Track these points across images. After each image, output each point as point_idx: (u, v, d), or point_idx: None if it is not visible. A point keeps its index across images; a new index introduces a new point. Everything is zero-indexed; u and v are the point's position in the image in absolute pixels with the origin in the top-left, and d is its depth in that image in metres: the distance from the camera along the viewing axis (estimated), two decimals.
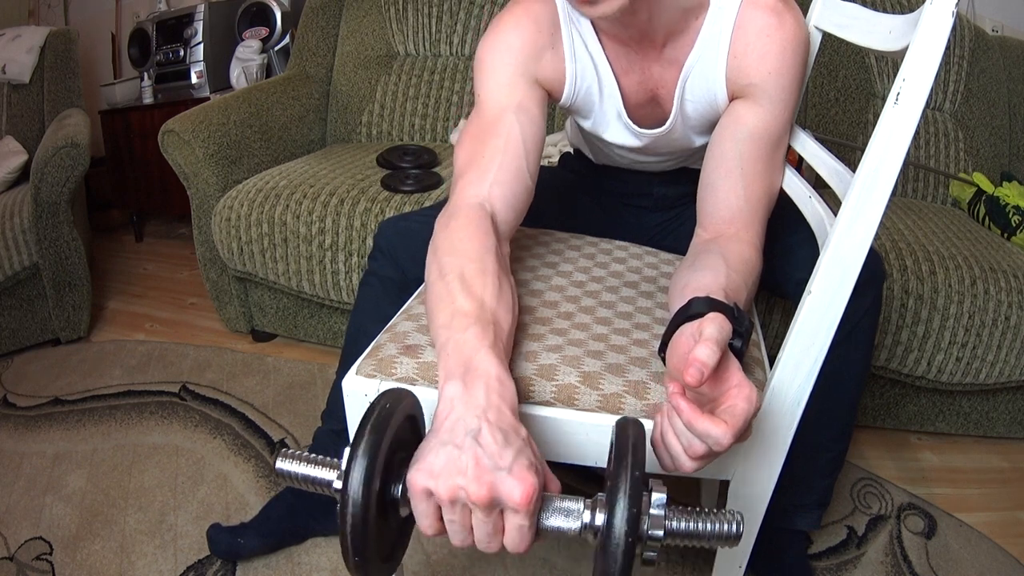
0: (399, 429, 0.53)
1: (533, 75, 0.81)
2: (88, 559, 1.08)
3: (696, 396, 0.58)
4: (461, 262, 0.66)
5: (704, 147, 0.86)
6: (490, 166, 0.76)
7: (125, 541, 1.12)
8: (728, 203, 0.78)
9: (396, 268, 0.95)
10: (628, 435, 0.51)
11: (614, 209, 1.10)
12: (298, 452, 0.56)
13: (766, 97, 0.76)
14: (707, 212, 0.81)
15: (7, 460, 1.32)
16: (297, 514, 1.10)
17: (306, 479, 0.55)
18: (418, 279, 0.89)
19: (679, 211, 1.06)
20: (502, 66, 0.80)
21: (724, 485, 0.70)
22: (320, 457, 0.55)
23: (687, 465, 0.57)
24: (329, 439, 1.08)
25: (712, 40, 0.77)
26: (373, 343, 0.74)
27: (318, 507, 1.11)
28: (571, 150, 1.16)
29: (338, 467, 0.54)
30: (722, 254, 0.72)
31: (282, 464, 0.55)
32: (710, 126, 0.83)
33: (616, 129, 0.89)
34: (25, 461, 1.31)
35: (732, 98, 0.79)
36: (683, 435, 0.56)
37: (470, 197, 0.75)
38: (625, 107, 0.85)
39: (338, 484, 0.52)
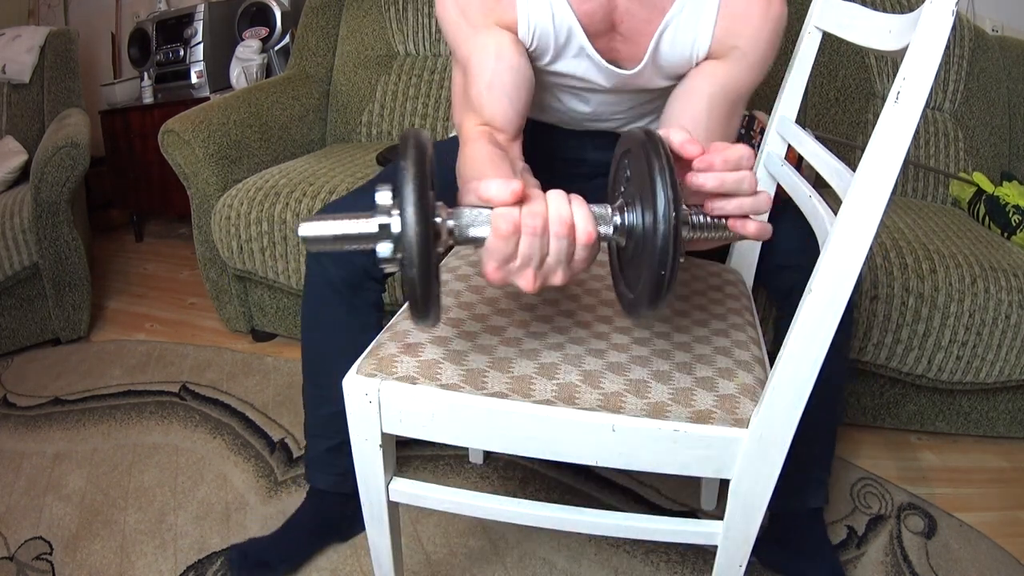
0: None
1: (492, 21, 0.82)
2: (88, 559, 1.08)
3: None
4: (478, 172, 0.73)
5: (663, 90, 0.88)
6: (483, 105, 0.81)
7: (125, 541, 1.12)
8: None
9: (342, 266, 0.91)
10: (649, 131, 0.53)
11: (553, 179, 1.07)
12: (321, 215, 0.53)
13: (745, 60, 0.81)
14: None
15: (7, 460, 1.31)
16: (315, 539, 1.09)
17: (342, 239, 0.52)
18: (368, 270, 0.90)
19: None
20: (457, 19, 0.83)
21: (724, 484, 0.70)
22: (346, 213, 0.52)
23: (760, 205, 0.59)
24: (329, 458, 1.05)
25: None
26: (373, 343, 0.74)
27: (339, 521, 1.10)
28: None
29: (373, 214, 0.51)
30: None
31: (307, 231, 0.52)
32: (677, 74, 0.86)
33: (579, 63, 0.87)
34: (25, 461, 1.31)
35: (712, 56, 0.82)
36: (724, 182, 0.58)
37: (469, 129, 0.82)
38: (590, 41, 0.84)
39: (380, 222, 0.50)
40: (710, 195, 0.59)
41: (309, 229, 0.52)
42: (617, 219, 0.55)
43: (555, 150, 1.06)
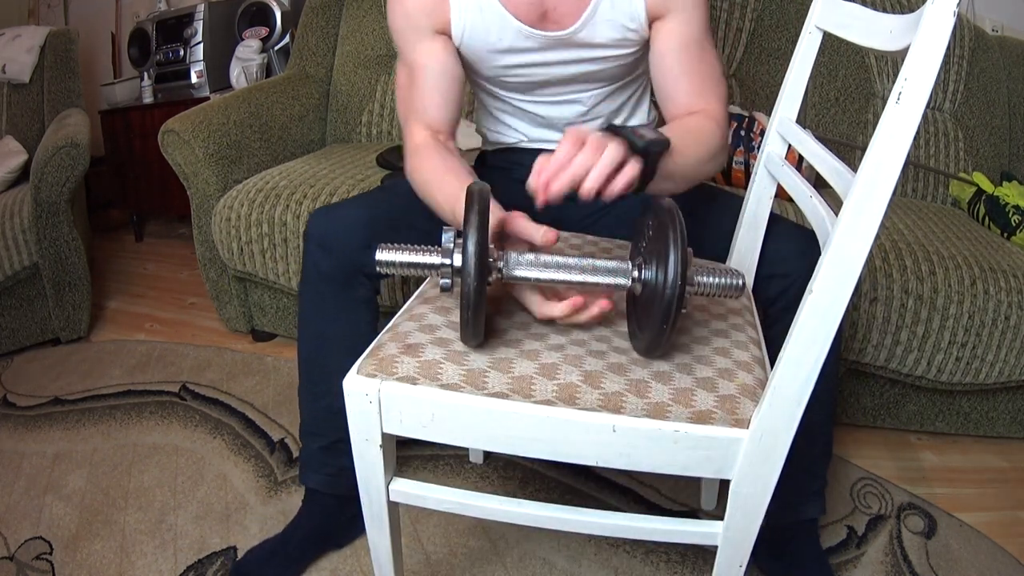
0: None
1: (430, 28, 0.93)
2: (88, 559, 1.08)
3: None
4: (437, 178, 0.87)
5: (608, 44, 0.94)
6: (425, 109, 0.94)
7: (125, 541, 1.12)
8: (687, 100, 0.93)
9: (335, 260, 0.93)
10: (670, 204, 0.65)
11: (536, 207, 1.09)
12: (395, 245, 0.67)
13: (684, 8, 0.90)
14: (670, 112, 0.95)
15: (7, 460, 1.32)
16: (312, 547, 1.08)
17: (410, 265, 0.67)
18: (361, 266, 0.94)
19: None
20: (404, 29, 0.94)
21: (724, 484, 0.70)
22: (416, 247, 0.68)
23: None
24: (322, 457, 1.05)
25: None
26: (374, 343, 0.74)
27: (336, 528, 1.10)
28: (486, 149, 1.19)
29: (438, 252, 0.67)
30: (669, 126, 0.88)
31: (382, 255, 0.67)
32: (620, 30, 0.93)
33: (519, 46, 0.94)
34: (25, 461, 1.31)
35: (652, 16, 0.91)
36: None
37: (421, 137, 0.93)
38: (521, 23, 0.92)
39: (443, 260, 0.66)
40: (589, 190, 0.68)
41: (384, 254, 0.67)
42: (636, 273, 0.67)
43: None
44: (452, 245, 0.66)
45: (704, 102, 0.93)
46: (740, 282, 0.69)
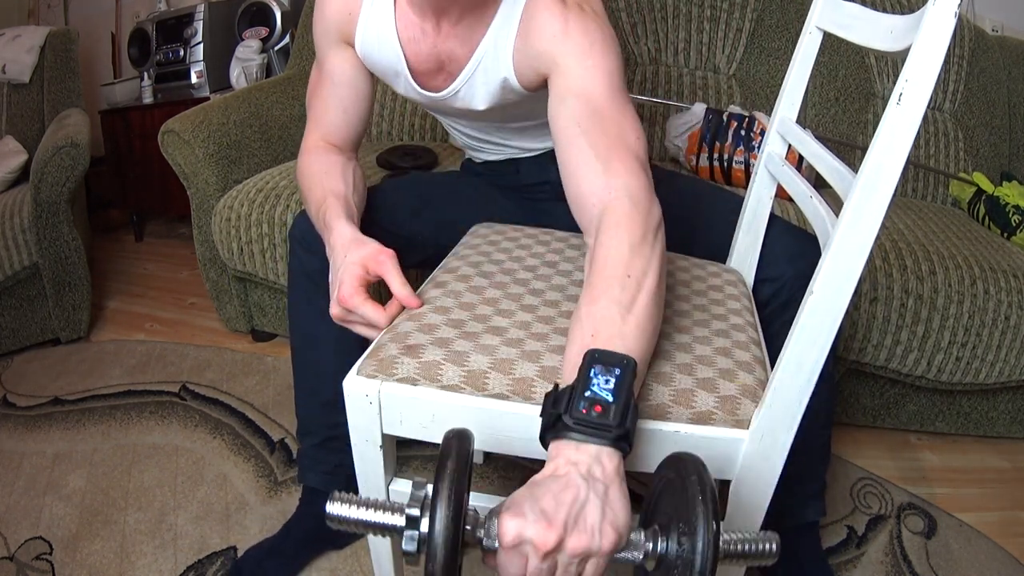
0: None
1: (342, 39, 0.94)
2: (88, 559, 1.08)
3: None
4: (315, 177, 0.91)
5: (487, 111, 0.93)
6: (323, 116, 0.97)
7: (125, 541, 1.12)
8: (590, 181, 0.73)
9: (320, 261, 0.92)
10: (691, 459, 0.53)
11: (525, 208, 1.12)
12: (350, 496, 0.53)
13: (567, 57, 0.78)
14: (579, 208, 0.75)
15: (7, 460, 1.31)
16: (310, 547, 1.09)
17: (366, 524, 0.52)
18: None
19: None
20: (320, 33, 0.96)
21: (725, 485, 0.70)
22: (376, 500, 0.53)
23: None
24: (317, 455, 1.06)
25: (505, 23, 0.84)
26: (375, 343, 0.74)
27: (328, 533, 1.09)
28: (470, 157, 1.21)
29: (401, 509, 0.52)
30: (586, 303, 0.64)
31: (334, 509, 0.52)
32: (495, 98, 0.91)
33: (403, 88, 0.96)
34: (25, 461, 1.31)
35: (540, 76, 0.83)
36: None
37: (313, 141, 0.96)
38: (411, 73, 0.92)
39: (401, 522, 0.52)
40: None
41: (336, 508, 0.52)
42: (649, 545, 0.53)
43: (519, 179, 1.12)
44: (420, 503, 0.51)
45: (613, 182, 0.71)
46: (774, 548, 0.55)
